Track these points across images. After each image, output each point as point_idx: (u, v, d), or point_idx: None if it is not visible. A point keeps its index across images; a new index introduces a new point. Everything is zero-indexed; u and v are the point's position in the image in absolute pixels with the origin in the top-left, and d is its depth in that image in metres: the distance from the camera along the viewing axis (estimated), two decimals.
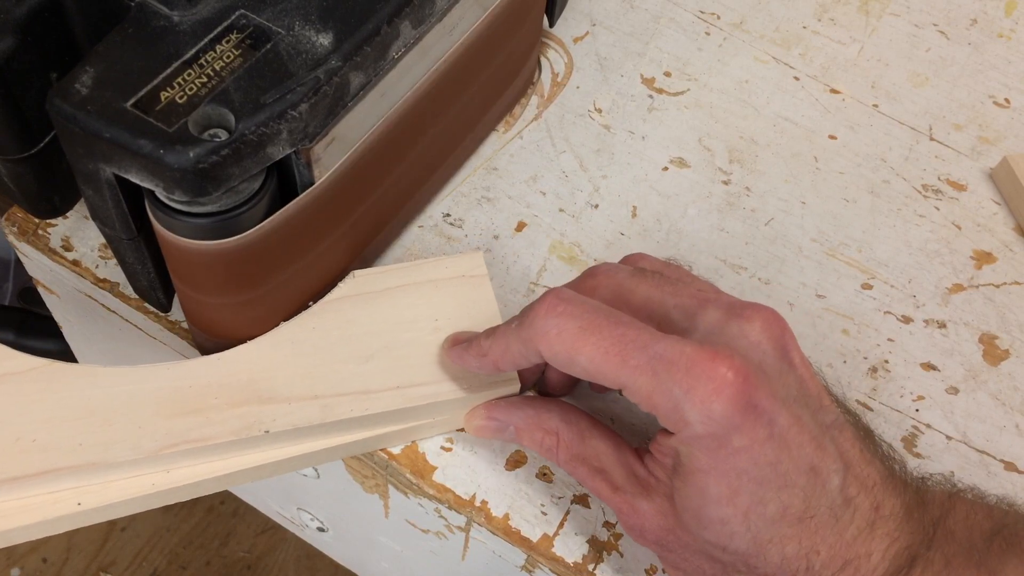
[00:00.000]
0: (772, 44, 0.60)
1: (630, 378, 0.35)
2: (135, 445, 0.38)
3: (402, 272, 0.45)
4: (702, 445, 0.34)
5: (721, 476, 0.35)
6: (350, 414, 0.40)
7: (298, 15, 0.36)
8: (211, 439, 0.39)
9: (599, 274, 0.41)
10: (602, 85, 0.57)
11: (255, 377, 0.41)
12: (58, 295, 0.53)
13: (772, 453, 0.34)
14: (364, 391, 0.41)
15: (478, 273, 0.45)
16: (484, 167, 0.53)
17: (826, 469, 0.35)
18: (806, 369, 0.37)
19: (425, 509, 0.45)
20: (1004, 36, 0.63)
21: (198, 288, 0.40)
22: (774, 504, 0.35)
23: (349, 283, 0.44)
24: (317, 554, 1.23)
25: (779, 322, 0.37)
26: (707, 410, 0.34)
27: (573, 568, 0.43)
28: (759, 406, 0.34)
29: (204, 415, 0.40)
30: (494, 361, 0.39)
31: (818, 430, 0.36)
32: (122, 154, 0.33)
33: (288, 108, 0.34)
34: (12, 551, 1.22)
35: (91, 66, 0.34)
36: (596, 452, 0.40)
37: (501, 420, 0.42)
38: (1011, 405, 0.48)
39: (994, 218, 0.54)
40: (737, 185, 0.54)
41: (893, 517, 0.36)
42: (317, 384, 0.41)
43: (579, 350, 0.35)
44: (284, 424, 0.40)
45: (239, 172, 0.34)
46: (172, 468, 0.39)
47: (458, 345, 0.41)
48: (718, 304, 0.38)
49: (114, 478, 0.39)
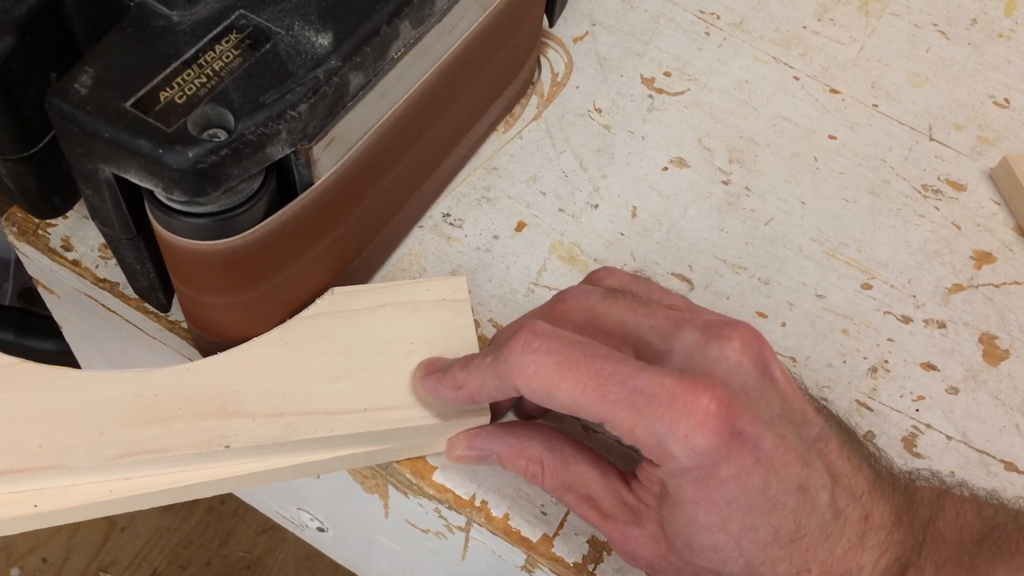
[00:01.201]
0: (772, 44, 0.60)
1: (611, 413, 0.34)
2: (95, 451, 0.38)
3: (382, 292, 0.44)
4: (689, 477, 0.34)
5: (710, 505, 0.34)
6: (314, 434, 0.40)
7: (298, 15, 0.36)
8: (171, 450, 0.38)
9: (570, 299, 0.41)
10: (602, 85, 0.57)
11: (222, 390, 0.40)
12: (58, 295, 0.53)
13: (760, 478, 0.34)
14: (331, 411, 0.40)
15: (459, 298, 0.44)
16: (484, 167, 0.53)
17: (814, 486, 0.35)
18: (788, 383, 0.37)
19: (425, 509, 0.45)
20: (1004, 36, 0.63)
21: (197, 288, 0.40)
22: (765, 528, 0.35)
23: (327, 299, 0.43)
24: (317, 554, 1.23)
25: (757, 339, 0.37)
26: (691, 444, 0.33)
27: (573, 568, 0.43)
28: (744, 433, 0.34)
29: (167, 425, 0.39)
30: (469, 394, 0.38)
31: (804, 447, 0.35)
32: (121, 154, 0.33)
33: (287, 108, 0.34)
34: (12, 551, 1.22)
35: (90, 66, 0.34)
36: (582, 479, 0.39)
37: (483, 449, 0.41)
38: (1011, 405, 0.48)
39: (994, 218, 0.54)
40: (737, 185, 0.54)
41: (883, 526, 0.36)
42: (284, 401, 0.40)
43: (557, 386, 0.35)
44: (246, 440, 0.39)
45: (238, 172, 0.34)
46: (131, 476, 0.39)
47: (431, 376, 0.40)
48: (694, 325, 0.37)
49: (72, 482, 0.38)
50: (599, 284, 0.43)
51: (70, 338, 0.61)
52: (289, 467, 0.41)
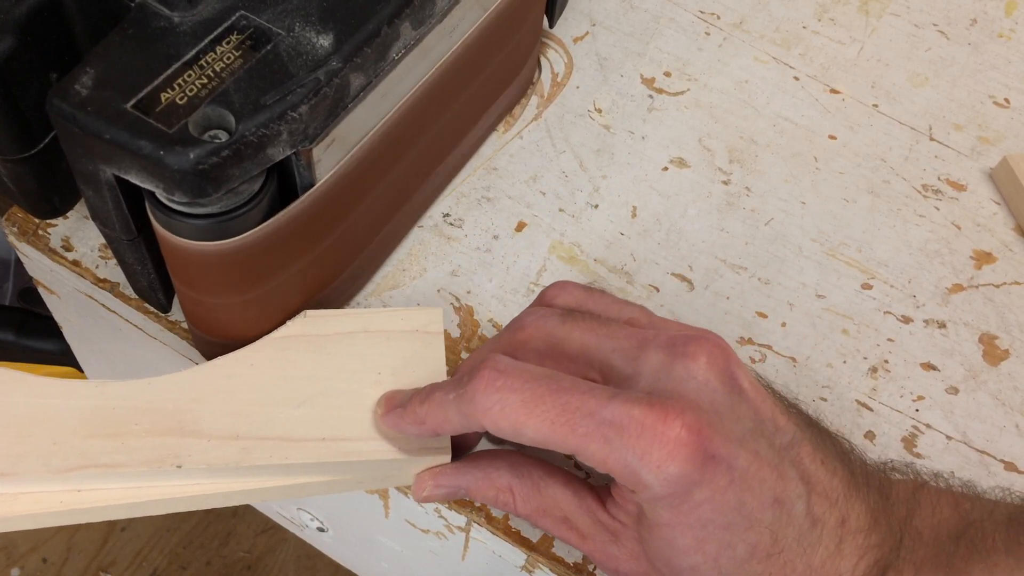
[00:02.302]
0: (772, 44, 0.60)
1: (581, 447, 0.34)
2: (46, 462, 0.37)
3: (355, 318, 0.43)
4: (664, 503, 0.34)
5: (686, 528, 0.34)
6: (268, 460, 0.39)
7: (298, 16, 0.36)
8: (123, 466, 0.38)
9: (527, 326, 0.40)
10: (602, 85, 0.57)
11: (181, 408, 0.39)
12: (58, 295, 0.53)
13: (735, 497, 0.34)
14: (288, 438, 0.39)
15: (433, 330, 0.43)
16: (484, 167, 0.53)
17: (789, 497, 0.35)
18: (757, 393, 0.36)
19: (425, 509, 0.45)
20: (1004, 36, 0.63)
21: (198, 289, 0.40)
22: (742, 546, 0.34)
23: (299, 322, 0.43)
24: (317, 554, 1.23)
25: (723, 352, 0.36)
26: (664, 473, 0.33)
27: (573, 568, 0.43)
28: (716, 455, 0.34)
29: (121, 440, 0.38)
30: (433, 429, 0.38)
31: (776, 458, 0.35)
32: (122, 155, 0.33)
33: (288, 109, 0.34)
34: (12, 551, 1.22)
35: (91, 67, 0.34)
36: (555, 501, 0.39)
37: (450, 486, 0.40)
38: (1011, 405, 0.48)
39: (994, 218, 0.54)
40: (737, 185, 0.54)
41: (860, 530, 0.36)
42: (241, 423, 0.39)
43: (524, 423, 0.34)
44: (199, 461, 0.38)
45: (239, 173, 0.34)
46: (83, 488, 0.38)
47: (393, 411, 0.39)
48: (658, 344, 0.37)
49: (22, 491, 0.38)
50: (553, 303, 0.42)
51: (70, 338, 0.61)
52: (241, 491, 0.40)
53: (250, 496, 0.40)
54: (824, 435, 0.38)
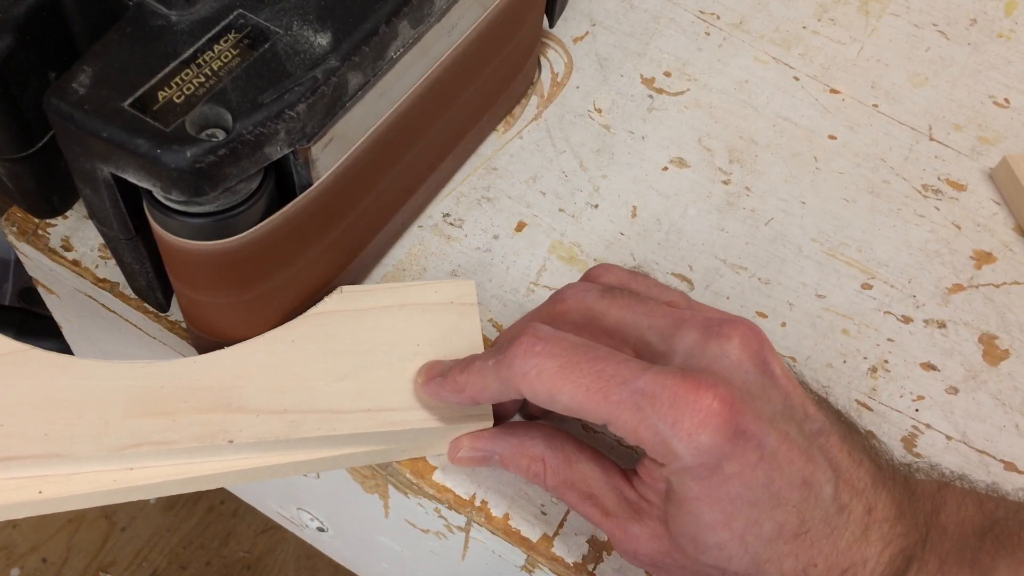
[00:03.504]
0: (772, 44, 0.60)
1: (614, 415, 0.34)
2: (99, 441, 0.38)
3: (390, 292, 0.44)
4: (693, 475, 0.34)
5: (715, 503, 0.34)
6: (316, 432, 0.40)
7: (296, 15, 0.36)
8: (175, 443, 0.38)
9: (567, 298, 0.41)
10: (602, 85, 0.57)
11: (227, 385, 0.40)
12: (58, 295, 0.53)
13: (763, 474, 0.34)
14: (334, 411, 0.40)
15: (467, 301, 0.44)
16: (484, 167, 0.53)
17: (818, 481, 0.35)
18: (788, 380, 0.37)
19: (425, 509, 0.45)
20: (1004, 36, 0.62)
21: (196, 288, 0.40)
22: (769, 524, 0.35)
23: (335, 298, 0.44)
24: (317, 554, 1.23)
25: (757, 336, 0.37)
26: (695, 443, 0.33)
27: (573, 568, 0.42)
28: (747, 431, 0.34)
29: (171, 418, 0.39)
30: (471, 396, 0.39)
31: (806, 443, 0.35)
32: (119, 153, 0.32)
33: (286, 108, 0.34)
34: (12, 551, 1.22)
35: (89, 65, 0.34)
36: (584, 477, 0.39)
37: (485, 450, 0.41)
38: (1011, 405, 0.48)
39: (994, 218, 0.54)
40: (737, 185, 0.54)
41: (886, 519, 0.36)
42: (288, 398, 0.40)
43: (560, 389, 0.35)
44: (249, 436, 0.39)
45: (236, 172, 0.33)
46: (135, 467, 0.39)
47: (433, 380, 0.40)
48: (694, 323, 0.37)
49: (77, 471, 0.38)
50: (597, 281, 0.43)
51: (70, 338, 0.61)
52: (290, 463, 0.41)
53: (297, 468, 0.41)
54: (852, 429, 0.38)
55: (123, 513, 1.26)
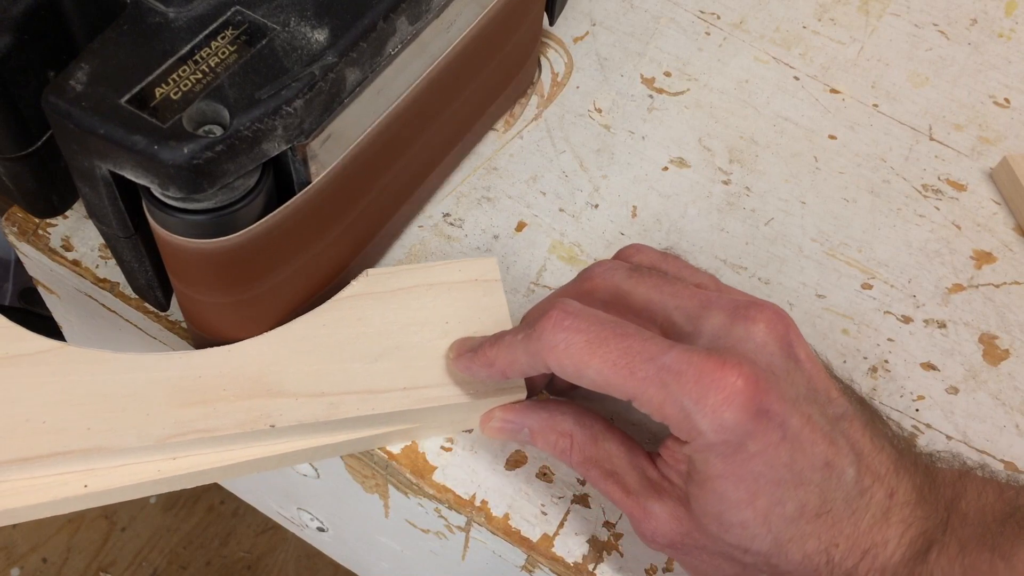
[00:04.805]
0: (772, 44, 0.60)
1: (639, 390, 0.35)
2: (143, 432, 0.39)
3: (415, 273, 0.45)
4: (716, 452, 0.34)
5: (738, 481, 0.35)
6: (356, 412, 0.41)
7: (294, 11, 0.36)
8: (218, 430, 0.39)
9: (595, 276, 0.41)
10: (602, 85, 0.57)
11: (264, 371, 0.41)
12: (58, 295, 0.53)
13: (786, 454, 0.34)
14: (371, 391, 0.41)
15: (491, 278, 0.45)
16: (484, 167, 0.53)
17: (840, 463, 0.35)
18: (812, 364, 0.37)
19: (425, 509, 0.45)
20: (1004, 36, 0.62)
21: (195, 287, 0.40)
22: (792, 503, 0.35)
23: (362, 281, 0.44)
24: (317, 554, 1.23)
25: (783, 319, 0.37)
26: (719, 419, 0.34)
27: (573, 568, 0.42)
28: (770, 411, 0.34)
29: (212, 406, 0.40)
30: (501, 370, 0.39)
31: (828, 426, 0.36)
32: (117, 150, 0.32)
33: (283, 104, 0.34)
34: (12, 551, 1.22)
35: (86, 63, 0.34)
36: (609, 455, 0.40)
37: (516, 423, 0.42)
38: (1011, 405, 0.47)
39: (994, 218, 0.54)
40: (737, 185, 0.54)
41: (907, 503, 0.36)
42: (324, 381, 0.41)
43: (587, 363, 0.35)
44: (290, 419, 0.40)
45: (234, 168, 0.33)
46: (178, 456, 0.40)
47: (464, 355, 0.41)
48: (721, 306, 0.37)
49: (121, 463, 0.39)
50: (627, 260, 0.43)
51: (70, 338, 0.61)
52: (330, 445, 0.42)
53: (336, 449, 0.42)
54: (875, 416, 0.39)
55: (123, 513, 1.26)
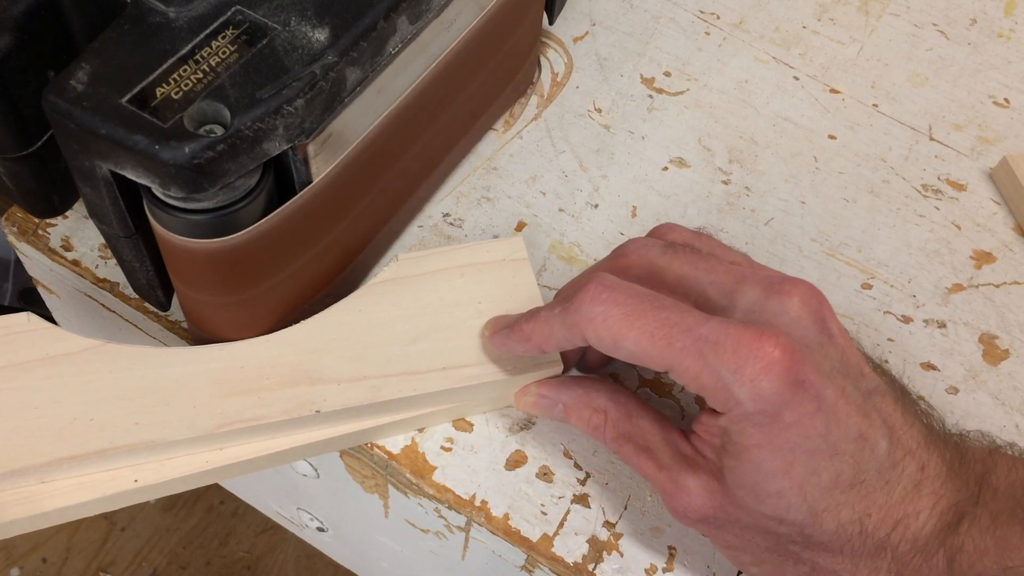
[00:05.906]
0: (772, 44, 0.60)
1: (677, 360, 0.35)
2: (191, 424, 0.39)
3: (444, 255, 0.46)
4: (753, 422, 0.35)
5: (775, 450, 0.35)
6: (399, 394, 0.41)
7: (294, 10, 0.36)
8: (264, 418, 0.40)
9: (630, 253, 0.42)
10: (602, 85, 0.57)
11: (304, 359, 0.42)
12: (58, 295, 0.53)
13: (821, 425, 0.35)
14: (411, 372, 0.42)
15: (518, 257, 0.46)
16: (484, 167, 0.53)
17: (873, 436, 0.36)
18: (845, 339, 0.38)
19: (425, 509, 0.45)
20: (1004, 36, 0.62)
21: (196, 287, 0.40)
22: (827, 473, 0.35)
23: (393, 267, 0.45)
24: (317, 554, 1.23)
25: (817, 295, 0.38)
26: (756, 388, 0.34)
27: (573, 568, 0.42)
28: (806, 381, 0.34)
29: (257, 395, 0.40)
30: (538, 344, 0.40)
31: (862, 399, 0.36)
32: (117, 150, 0.32)
33: (284, 103, 0.34)
34: (12, 551, 1.22)
35: (86, 62, 0.34)
36: (642, 431, 0.40)
37: (551, 397, 0.43)
38: (1011, 405, 0.47)
39: (994, 218, 0.54)
40: (737, 185, 0.54)
41: (938, 476, 0.36)
42: (365, 365, 0.42)
43: (625, 335, 0.36)
44: (334, 404, 0.40)
45: (235, 168, 0.33)
46: (225, 446, 0.40)
47: (500, 332, 0.42)
48: (755, 281, 0.38)
49: (170, 456, 0.40)
50: (661, 238, 0.44)
51: None
52: (372, 428, 0.42)
53: (378, 432, 0.43)
54: (905, 394, 0.39)
55: (123, 513, 1.26)
